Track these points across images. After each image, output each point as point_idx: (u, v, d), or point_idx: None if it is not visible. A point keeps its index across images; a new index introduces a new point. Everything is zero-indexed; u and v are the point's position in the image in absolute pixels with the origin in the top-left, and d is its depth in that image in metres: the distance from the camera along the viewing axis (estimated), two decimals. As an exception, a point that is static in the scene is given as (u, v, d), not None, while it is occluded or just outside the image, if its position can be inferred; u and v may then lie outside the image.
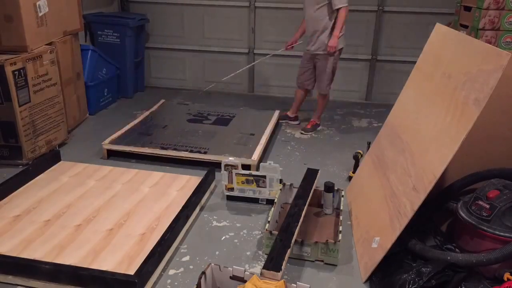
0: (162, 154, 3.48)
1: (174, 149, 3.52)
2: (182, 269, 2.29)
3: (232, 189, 2.95)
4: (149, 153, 3.49)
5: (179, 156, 3.46)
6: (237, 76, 4.91)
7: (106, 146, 3.56)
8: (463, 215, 2.19)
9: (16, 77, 3.15)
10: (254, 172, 2.96)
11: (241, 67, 4.92)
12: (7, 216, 2.62)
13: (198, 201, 2.86)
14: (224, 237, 2.59)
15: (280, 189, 2.84)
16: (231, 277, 1.95)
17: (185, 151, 3.48)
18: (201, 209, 2.86)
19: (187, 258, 2.38)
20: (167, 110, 4.52)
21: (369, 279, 2.21)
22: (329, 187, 2.73)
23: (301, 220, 2.33)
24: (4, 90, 3.13)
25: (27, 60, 3.26)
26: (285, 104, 4.87)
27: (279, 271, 1.87)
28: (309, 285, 1.80)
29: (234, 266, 1.96)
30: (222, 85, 5.39)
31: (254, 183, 2.92)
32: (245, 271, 1.93)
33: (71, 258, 2.24)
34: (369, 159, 3.00)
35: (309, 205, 2.58)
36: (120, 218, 2.64)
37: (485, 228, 2.07)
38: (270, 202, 2.82)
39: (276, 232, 2.28)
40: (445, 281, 1.97)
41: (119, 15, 5.15)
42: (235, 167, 2.91)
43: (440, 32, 2.74)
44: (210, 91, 5.16)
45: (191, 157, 3.44)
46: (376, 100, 5.28)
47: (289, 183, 2.90)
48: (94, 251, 2.31)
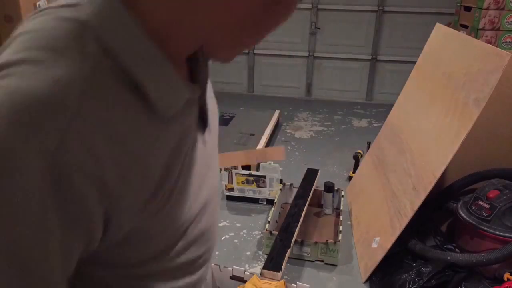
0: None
1: (174, 149, 3.52)
2: (182, 269, 2.28)
3: (232, 189, 2.94)
4: (149, 153, 3.48)
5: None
6: (237, 76, 4.90)
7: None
8: (463, 215, 2.19)
9: (16, 77, 3.15)
10: (254, 172, 2.96)
11: (241, 67, 4.91)
12: (7, 216, 2.61)
13: (198, 201, 2.85)
14: (224, 237, 2.58)
15: (280, 189, 2.84)
16: (231, 277, 1.95)
17: (185, 151, 3.48)
18: (201, 209, 2.86)
19: (187, 258, 2.37)
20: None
21: (369, 279, 2.21)
22: (329, 187, 2.73)
23: (301, 220, 2.32)
24: (4, 90, 3.13)
25: (27, 60, 3.26)
26: (285, 104, 4.87)
27: (279, 271, 1.87)
28: (309, 285, 1.80)
29: (234, 266, 1.95)
30: (222, 85, 5.39)
31: (254, 183, 2.92)
32: (245, 271, 1.93)
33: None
34: (369, 159, 3.00)
35: (309, 205, 2.58)
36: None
37: (485, 228, 2.07)
38: (270, 202, 2.82)
39: (276, 232, 2.27)
40: (445, 281, 1.97)
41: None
42: (235, 167, 2.91)
43: (440, 32, 2.74)
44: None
45: (191, 157, 3.43)
46: (376, 100, 5.27)
47: (289, 183, 2.90)
48: (94, 251, 2.31)
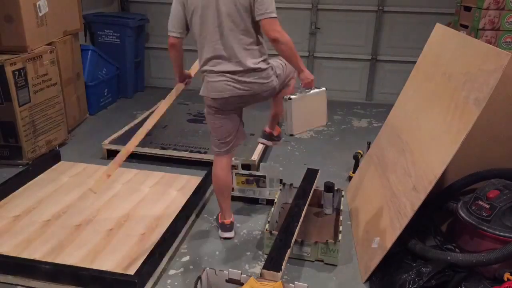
0: (162, 154, 3.48)
1: (174, 149, 3.52)
2: (182, 269, 2.28)
3: (232, 189, 2.94)
4: (149, 153, 3.49)
5: (179, 156, 3.46)
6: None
7: (106, 146, 3.56)
8: (463, 215, 2.19)
9: (16, 77, 3.15)
10: (254, 172, 2.96)
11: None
12: (7, 216, 2.62)
13: (198, 201, 2.86)
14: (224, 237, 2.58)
15: (280, 189, 2.84)
16: (227, 280, 1.94)
17: (185, 151, 3.48)
18: (201, 209, 2.86)
19: (187, 258, 2.37)
20: (167, 110, 4.48)
21: (369, 279, 2.21)
22: (329, 187, 2.73)
23: (301, 220, 2.32)
24: (4, 90, 3.13)
25: (27, 60, 3.26)
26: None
27: (279, 271, 1.86)
28: (307, 285, 1.80)
29: (230, 269, 1.94)
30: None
31: (254, 183, 2.92)
32: (241, 274, 1.91)
33: (71, 258, 2.24)
34: (369, 159, 3.00)
35: (309, 205, 2.58)
36: (120, 218, 2.64)
37: (485, 228, 2.07)
38: (270, 202, 2.82)
39: (276, 232, 2.27)
40: (445, 281, 1.97)
41: (119, 15, 5.14)
42: (235, 167, 2.91)
43: (440, 32, 2.74)
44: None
45: (191, 157, 3.43)
46: (376, 100, 5.27)
47: (289, 183, 2.90)
48: (94, 251, 2.31)
